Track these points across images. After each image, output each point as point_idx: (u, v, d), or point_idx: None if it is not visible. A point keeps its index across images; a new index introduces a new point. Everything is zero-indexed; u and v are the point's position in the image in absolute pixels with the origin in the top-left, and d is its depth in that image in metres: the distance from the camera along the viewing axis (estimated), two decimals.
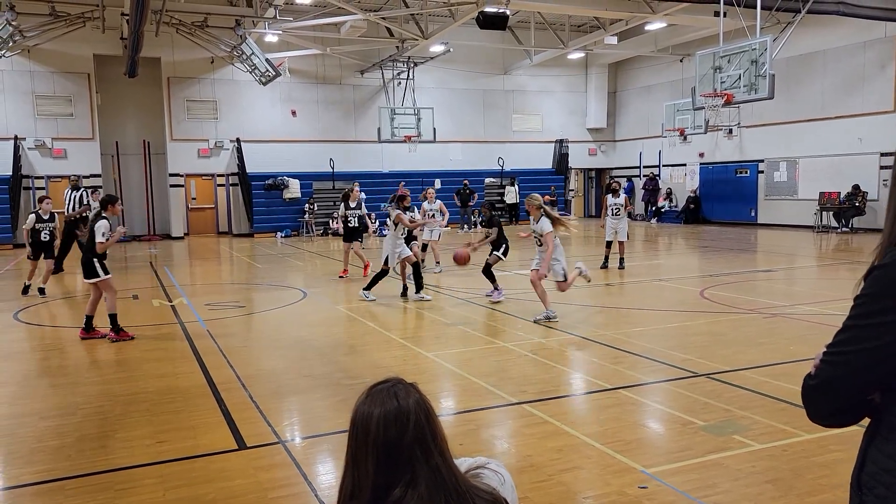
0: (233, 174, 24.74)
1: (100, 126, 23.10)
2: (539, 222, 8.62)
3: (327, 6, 20.68)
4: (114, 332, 8.09)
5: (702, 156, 26.31)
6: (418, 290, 10.56)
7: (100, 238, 7.95)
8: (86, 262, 8.09)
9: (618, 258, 13.58)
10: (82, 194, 15.33)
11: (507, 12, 18.06)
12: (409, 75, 25.49)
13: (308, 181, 24.94)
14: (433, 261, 14.06)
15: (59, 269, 13.84)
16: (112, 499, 4.02)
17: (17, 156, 21.69)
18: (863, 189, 20.31)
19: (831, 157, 21.51)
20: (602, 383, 6.12)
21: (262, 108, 24.73)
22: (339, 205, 13.50)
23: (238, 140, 24.41)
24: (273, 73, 21.40)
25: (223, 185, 25.00)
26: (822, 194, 21.48)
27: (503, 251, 10.47)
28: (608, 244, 13.70)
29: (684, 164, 27.08)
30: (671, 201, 27.73)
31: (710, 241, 19.61)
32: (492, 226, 10.45)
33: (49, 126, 22.36)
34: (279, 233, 24.12)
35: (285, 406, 5.76)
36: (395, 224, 10.57)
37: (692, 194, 26.48)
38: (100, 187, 21.03)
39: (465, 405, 5.63)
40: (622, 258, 13.62)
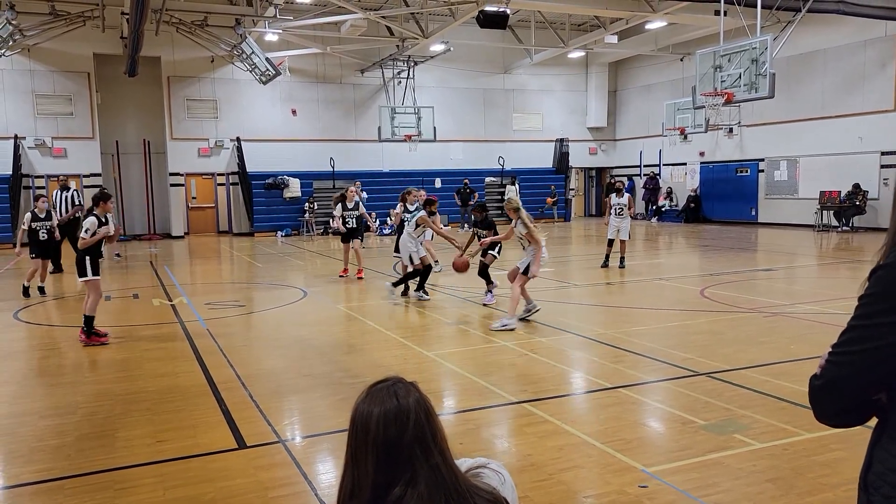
0: (233, 173, 24.74)
1: (100, 125, 23.10)
2: (517, 225, 8.60)
3: (327, 5, 20.69)
4: (85, 334, 7.91)
5: (702, 155, 26.30)
6: (419, 288, 10.60)
7: (83, 234, 7.81)
8: (78, 261, 8.04)
9: (618, 257, 13.61)
10: (73, 194, 15.26)
11: (508, 11, 18.05)
12: (409, 74, 25.48)
13: (308, 180, 24.92)
14: (431, 259, 14.03)
15: (59, 268, 13.82)
16: (112, 498, 4.01)
17: (17, 155, 21.68)
18: (863, 188, 20.31)
19: (832, 156, 21.50)
20: (602, 382, 6.12)
21: (262, 107, 24.72)
22: (336, 206, 13.32)
23: (238, 139, 24.40)
24: (273, 73, 21.40)
25: (223, 185, 24.99)
26: (822, 193, 21.48)
27: (498, 250, 10.45)
28: (609, 243, 13.70)
29: (685, 164, 27.07)
30: (671, 200, 27.71)
31: (710, 241, 19.60)
32: (487, 227, 10.37)
33: (49, 125, 22.36)
34: (279, 232, 24.10)
35: (285, 405, 5.76)
36: (417, 225, 10.51)
37: (692, 193, 26.46)
38: (104, 189, 20.97)
39: (465, 404, 5.63)
40: (623, 257, 13.64)
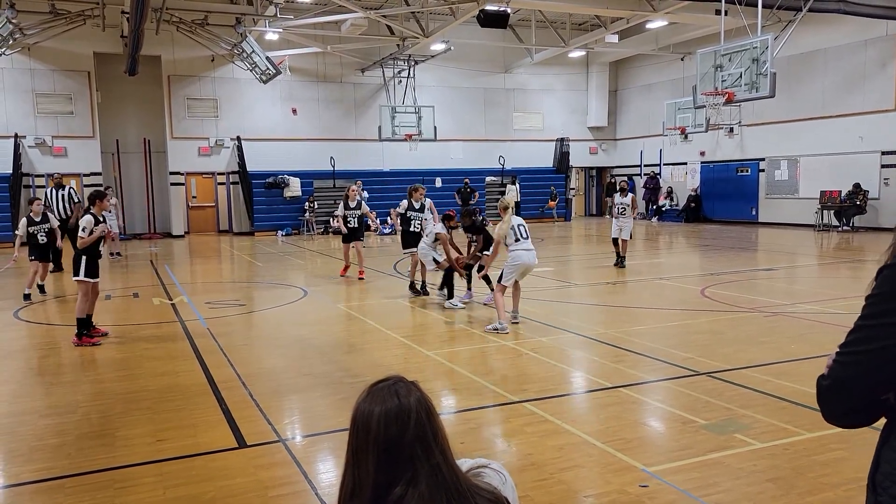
0: (233, 172, 24.72)
1: (100, 124, 23.08)
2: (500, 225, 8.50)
3: (328, 4, 20.67)
4: (77, 336, 7.91)
5: (702, 154, 26.29)
6: (421, 287, 10.84)
7: (81, 233, 7.82)
8: (74, 260, 8.04)
9: (619, 256, 13.61)
10: (70, 192, 15.14)
11: (508, 10, 18.04)
12: (409, 73, 25.46)
13: (309, 179, 24.90)
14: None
15: (59, 267, 13.82)
16: (112, 497, 4.01)
17: (18, 154, 21.66)
18: (864, 188, 20.30)
19: (832, 155, 21.49)
20: (603, 382, 6.12)
21: (262, 106, 24.71)
22: (339, 204, 13.40)
23: (238, 138, 24.39)
24: (273, 72, 21.39)
25: (224, 184, 24.98)
26: (822, 193, 21.47)
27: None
28: (615, 241, 13.72)
29: (685, 163, 27.06)
30: (672, 200, 27.70)
31: (710, 240, 19.59)
32: (476, 232, 10.30)
33: (49, 124, 22.35)
34: (280, 231, 24.08)
35: (285, 404, 5.76)
36: (436, 239, 10.15)
37: (693, 193, 26.45)
38: (110, 187, 20.95)
39: (465, 404, 5.63)
40: (623, 256, 13.65)
